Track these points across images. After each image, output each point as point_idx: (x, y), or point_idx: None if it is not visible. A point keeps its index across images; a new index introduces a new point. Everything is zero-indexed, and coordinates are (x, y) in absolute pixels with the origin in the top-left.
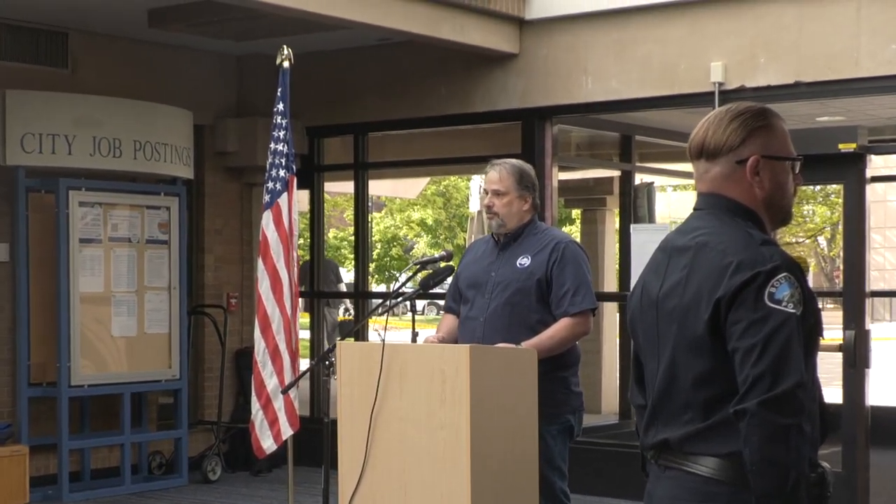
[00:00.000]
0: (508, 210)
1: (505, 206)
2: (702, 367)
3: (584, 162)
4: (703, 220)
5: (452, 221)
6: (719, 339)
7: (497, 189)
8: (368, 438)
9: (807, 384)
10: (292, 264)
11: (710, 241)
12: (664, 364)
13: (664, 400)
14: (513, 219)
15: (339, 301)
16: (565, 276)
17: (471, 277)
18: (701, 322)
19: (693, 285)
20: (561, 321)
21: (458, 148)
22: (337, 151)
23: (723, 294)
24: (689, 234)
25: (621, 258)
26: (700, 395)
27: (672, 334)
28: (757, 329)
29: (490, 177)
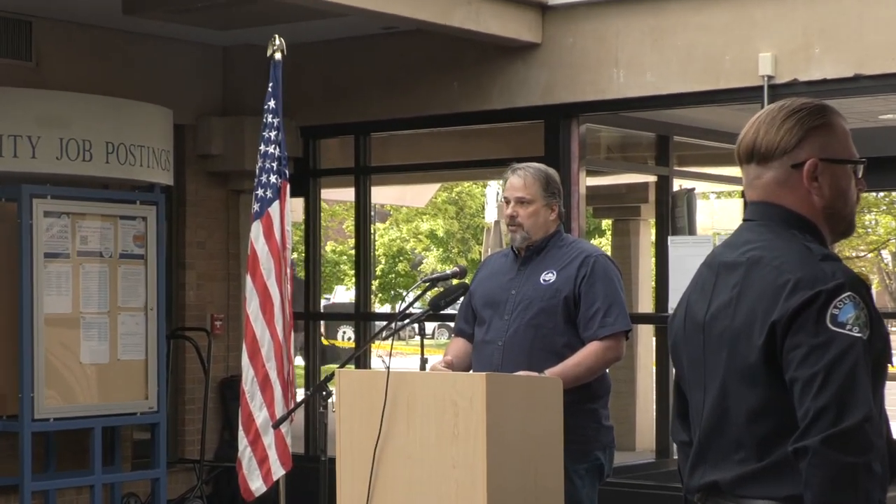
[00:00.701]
0: (534, 220)
1: (530, 215)
2: (756, 400)
3: (616, 166)
4: (755, 232)
5: (466, 233)
6: (775, 367)
7: (521, 197)
8: (371, 479)
9: (875, 418)
10: (285, 281)
11: (764, 256)
12: (712, 396)
13: (713, 437)
14: (539, 230)
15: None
16: (595, 293)
17: (487, 296)
18: (754, 348)
19: (745, 307)
20: (590, 345)
21: (473, 150)
22: (335, 154)
23: (779, 317)
24: (740, 249)
25: (658, 275)
26: (754, 432)
27: (721, 362)
28: (818, 356)
29: (512, 183)
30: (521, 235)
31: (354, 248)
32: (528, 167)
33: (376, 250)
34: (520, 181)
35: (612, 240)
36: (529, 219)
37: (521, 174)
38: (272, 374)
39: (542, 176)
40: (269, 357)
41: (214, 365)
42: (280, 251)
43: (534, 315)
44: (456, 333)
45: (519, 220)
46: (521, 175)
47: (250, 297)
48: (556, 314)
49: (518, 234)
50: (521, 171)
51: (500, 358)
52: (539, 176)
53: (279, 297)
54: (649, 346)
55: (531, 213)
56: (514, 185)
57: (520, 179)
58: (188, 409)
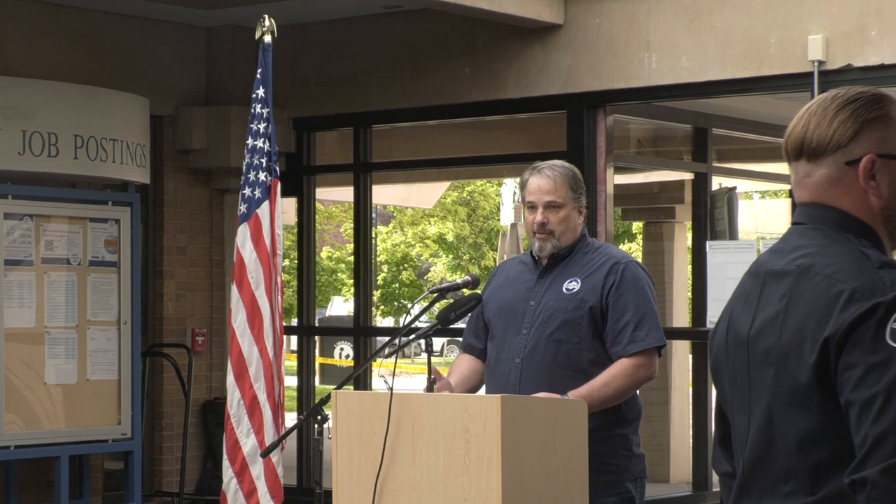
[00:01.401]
0: (566, 227)
1: (562, 221)
2: (807, 425)
3: (647, 162)
4: (805, 236)
5: (479, 237)
6: (829, 388)
7: (552, 201)
8: None
9: None
10: (275, 292)
11: (815, 263)
12: (758, 421)
13: (759, 466)
14: (570, 237)
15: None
16: (625, 305)
17: (502, 307)
18: (805, 367)
19: (794, 321)
20: (618, 363)
21: (487, 144)
22: (332, 149)
23: (832, 332)
24: (788, 256)
25: (694, 284)
26: (805, 461)
27: (768, 383)
28: (877, 376)
29: (541, 185)
30: (552, 244)
31: (353, 254)
32: (555, 166)
33: (378, 257)
34: (550, 183)
35: (644, 245)
36: (561, 225)
37: (550, 174)
38: (261, 396)
39: (570, 175)
40: (258, 377)
41: (196, 386)
42: (270, 258)
43: (556, 328)
44: (463, 349)
45: (550, 226)
46: (550, 176)
47: (236, 310)
48: (580, 327)
49: (549, 244)
50: (549, 170)
51: (518, 378)
52: (569, 176)
53: (269, 309)
54: (685, 365)
55: (563, 219)
56: (543, 188)
57: (549, 181)
58: (166, 435)
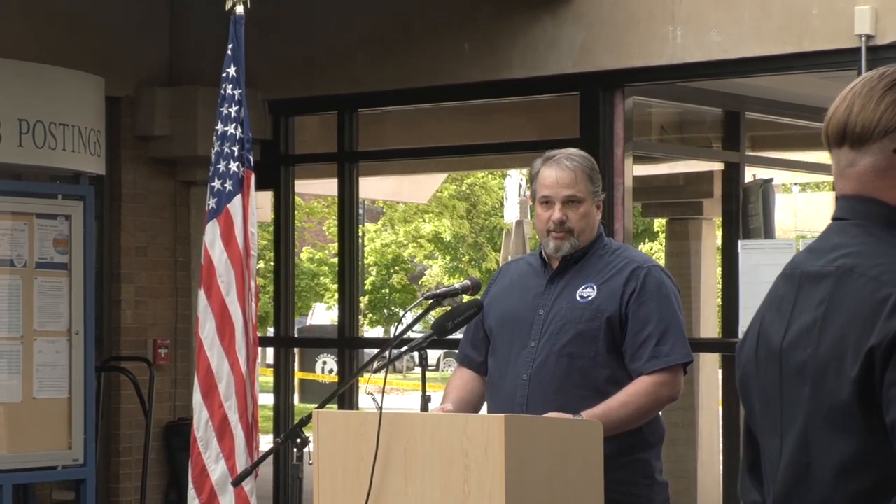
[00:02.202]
0: (585, 224)
1: (582, 218)
2: (848, 449)
3: (671, 150)
4: (847, 234)
5: (480, 236)
6: (873, 407)
7: (572, 195)
8: None
9: None
10: (248, 298)
11: (858, 264)
12: (791, 444)
13: (792, 496)
14: (588, 235)
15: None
16: (647, 315)
17: (506, 316)
18: (846, 383)
19: (834, 329)
20: (639, 381)
21: (489, 131)
22: (313, 136)
23: (878, 342)
24: (828, 256)
25: (725, 289)
26: (846, 490)
27: (803, 401)
28: None
29: (560, 177)
30: (570, 244)
31: (338, 255)
32: (573, 155)
33: (365, 258)
34: (569, 175)
35: (667, 245)
36: (581, 222)
37: (569, 165)
38: (232, 416)
39: (589, 166)
40: (229, 395)
41: (158, 405)
42: (242, 259)
43: (568, 341)
44: (460, 362)
45: (570, 224)
46: (569, 167)
47: (204, 318)
48: (596, 340)
49: (567, 244)
50: (568, 160)
51: (525, 396)
52: (587, 166)
53: (241, 317)
54: (714, 382)
55: (583, 215)
56: (562, 180)
57: (569, 172)
58: (124, 461)
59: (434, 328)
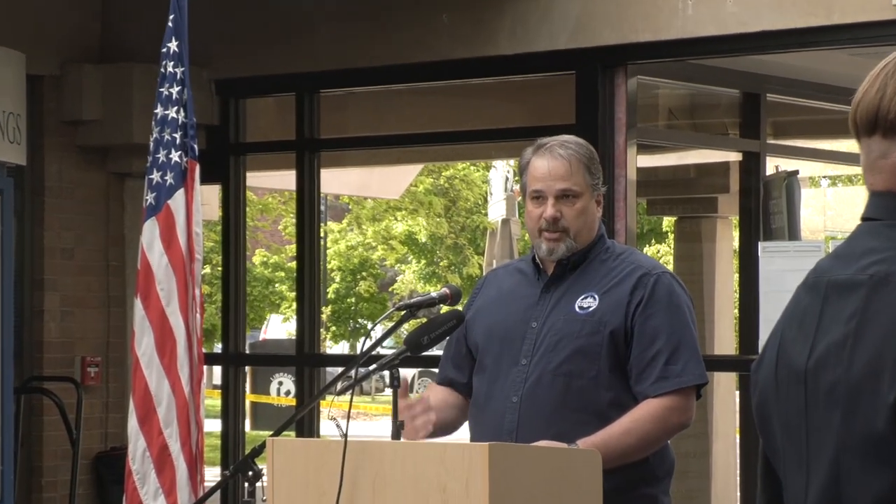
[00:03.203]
0: (584, 222)
1: (579, 215)
2: (885, 484)
3: (681, 138)
4: (880, 236)
5: (460, 237)
6: None
7: (567, 189)
8: None
9: None
10: (192, 308)
11: (894, 272)
12: (820, 478)
13: None
14: (587, 236)
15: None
16: (655, 329)
17: (494, 329)
18: (882, 408)
19: (867, 347)
20: (645, 405)
21: (471, 116)
22: (268, 121)
23: None
24: (858, 262)
25: (742, 299)
26: None
27: (832, 429)
28: None
29: (553, 168)
30: (566, 245)
31: (296, 258)
32: (568, 143)
33: (328, 262)
34: (563, 165)
35: (676, 248)
36: (578, 220)
37: (563, 154)
38: (173, 445)
39: (587, 156)
40: (169, 421)
41: (87, 432)
42: (185, 263)
43: (565, 359)
44: (438, 382)
45: (565, 223)
46: (563, 156)
47: (141, 332)
48: (598, 357)
49: (562, 245)
50: (562, 149)
51: (515, 422)
52: (584, 156)
53: (184, 331)
54: (730, 406)
55: (580, 212)
56: (555, 172)
57: (563, 163)
58: (47, 497)
59: (407, 343)
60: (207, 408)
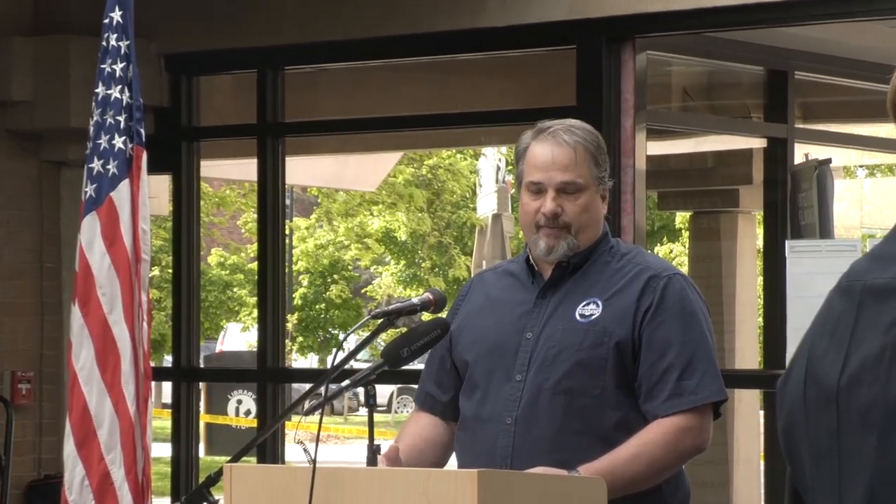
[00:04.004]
0: (588, 219)
1: (583, 211)
2: None
3: (697, 122)
4: None
5: (445, 235)
6: None
7: (571, 182)
8: None
9: None
10: (139, 316)
11: None
12: None
13: None
14: (590, 234)
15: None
16: (666, 339)
17: (483, 340)
18: None
19: None
20: (655, 426)
21: (457, 97)
22: (225, 102)
23: None
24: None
25: (767, 305)
26: None
27: (869, 454)
28: None
29: (557, 156)
30: (567, 244)
31: (257, 259)
32: (575, 129)
33: (294, 263)
34: (568, 153)
35: (691, 247)
36: (582, 216)
37: (567, 141)
38: (116, 472)
39: (594, 144)
40: (112, 445)
41: (17, 458)
42: (131, 265)
43: (566, 374)
44: (420, 404)
45: (566, 218)
46: (567, 143)
47: (79, 344)
48: (602, 372)
49: (563, 243)
50: (567, 134)
51: (509, 446)
52: (591, 144)
53: (129, 342)
54: (754, 427)
55: (584, 208)
56: (558, 160)
57: (568, 150)
58: None
59: (385, 356)
60: (156, 430)
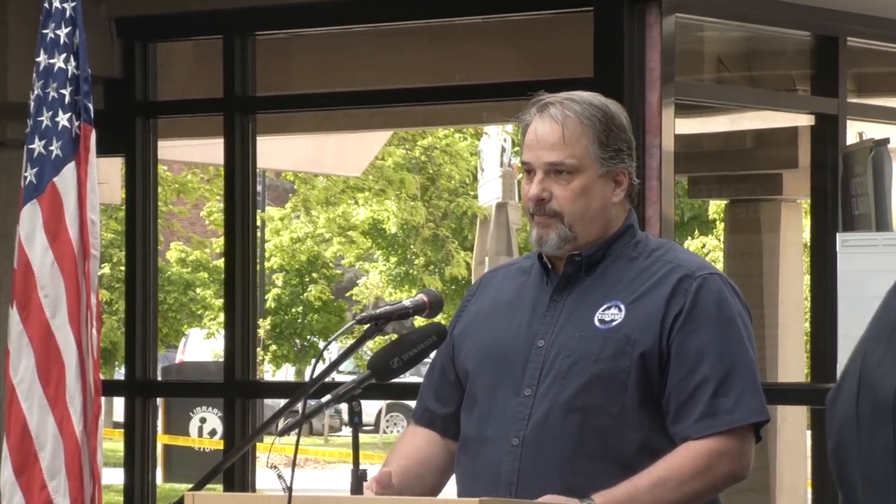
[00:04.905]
0: (582, 207)
1: (575, 197)
2: None
3: (734, 96)
4: None
5: (442, 227)
6: None
7: (556, 162)
8: None
9: None
10: (86, 321)
11: None
12: None
13: None
14: (592, 225)
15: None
16: (700, 348)
17: (488, 348)
18: None
19: None
20: (684, 449)
21: (455, 67)
22: (186, 74)
23: None
24: None
25: (815, 308)
26: None
27: None
28: None
29: (540, 134)
30: (559, 234)
31: (224, 255)
32: (572, 101)
33: (267, 260)
34: (554, 131)
35: (727, 241)
36: (574, 204)
37: (556, 115)
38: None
39: (597, 117)
40: (56, 470)
41: None
42: (78, 261)
43: (582, 388)
44: (416, 420)
45: (553, 205)
46: (556, 118)
47: (17, 352)
48: (624, 388)
49: (552, 234)
50: (558, 107)
51: (515, 470)
52: (591, 117)
53: (75, 351)
54: (800, 450)
55: (576, 193)
56: (543, 138)
57: (555, 127)
58: None
59: (372, 367)
60: (107, 452)
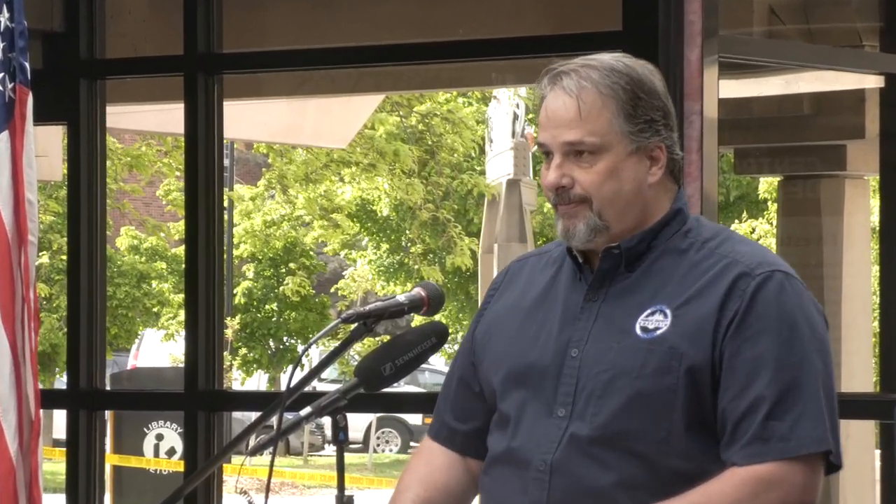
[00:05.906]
0: (613, 190)
1: (602, 179)
2: None
3: (788, 53)
4: None
5: (443, 208)
6: None
7: (574, 141)
8: None
9: None
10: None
11: None
12: None
13: None
14: (624, 210)
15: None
16: (757, 360)
17: (512, 359)
18: None
19: None
20: (729, 474)
21: (456, 20)
22: (139, 26)
23: None
24: None
25: (884, 304)
26: None
27: None
28: None
29: (553, 110)
30: (586, 226)
31: (185, 241)
32: (590, 67)
33: (236, 248)
34: (569, 105)
35: (780, 225)
36: (603, 186)
37: (572, 87)
38: None
39: (619, 84)
40: None
41: None
42: (11, 248)
43: (620, 409)
44: (432, 435)
45: (578, 191)
46: (571, 90)
47: None
48: (670, 409)
49: (581, 224)
50: (573, 78)
51: (543, 500)
52: (613, 84)
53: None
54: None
55: (603, 175)
56: (556, 116)
57: (567, 100)
58: None
59: (360, 374)
60: (46, 476)
